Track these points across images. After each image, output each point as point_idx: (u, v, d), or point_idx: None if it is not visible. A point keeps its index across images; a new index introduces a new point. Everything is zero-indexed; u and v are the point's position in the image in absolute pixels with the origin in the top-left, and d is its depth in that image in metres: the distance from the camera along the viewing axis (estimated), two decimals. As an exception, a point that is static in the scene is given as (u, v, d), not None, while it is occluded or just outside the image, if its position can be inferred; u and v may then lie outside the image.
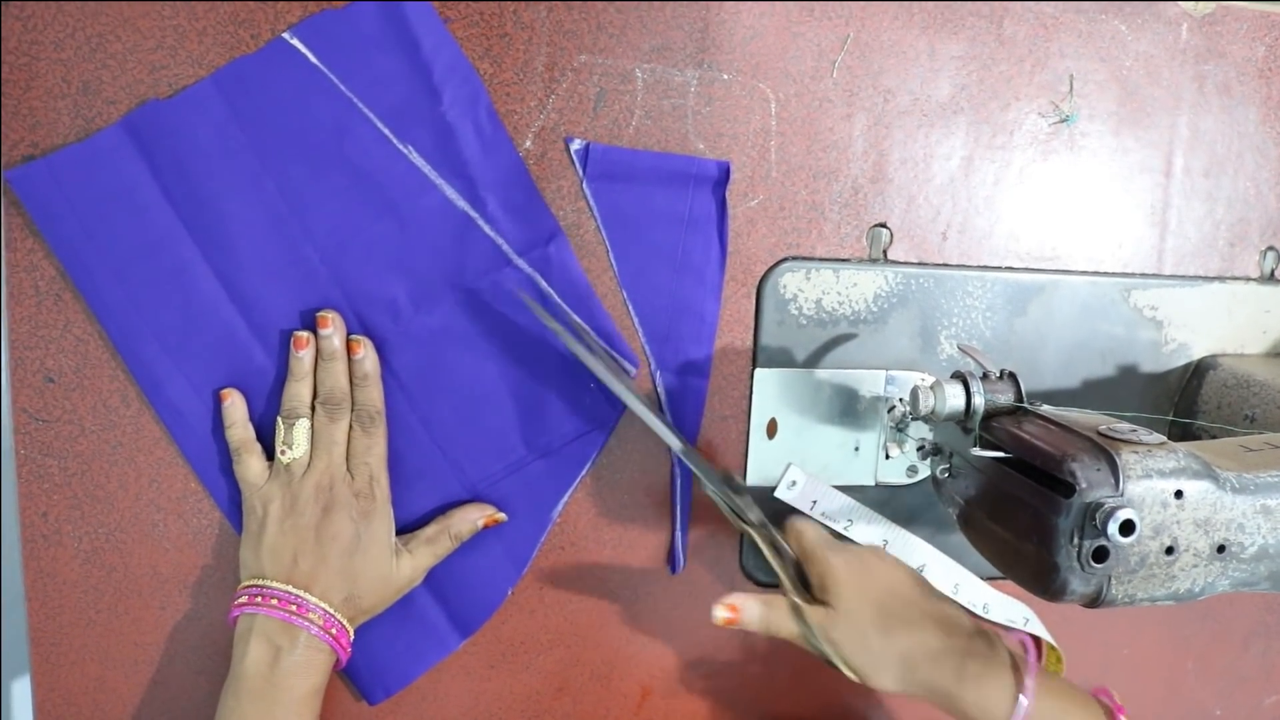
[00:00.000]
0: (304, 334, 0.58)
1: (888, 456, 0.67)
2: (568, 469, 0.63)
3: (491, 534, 0.63)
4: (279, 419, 0.58)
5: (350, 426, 0.59)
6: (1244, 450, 0.54)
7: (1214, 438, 0.66)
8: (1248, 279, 0.72)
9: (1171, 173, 0.70)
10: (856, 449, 0.67)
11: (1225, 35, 0.69)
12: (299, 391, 0.58)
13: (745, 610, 0.58)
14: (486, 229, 0.59)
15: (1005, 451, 0.53)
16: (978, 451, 0.54)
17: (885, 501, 0.68)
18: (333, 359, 0.58)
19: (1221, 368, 0.70)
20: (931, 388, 0.56)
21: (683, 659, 0.69)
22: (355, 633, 0.59)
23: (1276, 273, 0.73)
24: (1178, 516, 0.48)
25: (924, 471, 0.68)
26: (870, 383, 0.66)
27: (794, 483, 0.66)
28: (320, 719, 0.58)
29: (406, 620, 0.63)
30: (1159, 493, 0.48)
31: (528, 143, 0.60)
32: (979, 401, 0.55)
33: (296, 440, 0.58)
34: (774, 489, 0.66)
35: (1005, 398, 0.55)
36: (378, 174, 0.57)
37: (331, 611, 0.57)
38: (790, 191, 0.64)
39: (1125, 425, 0.51)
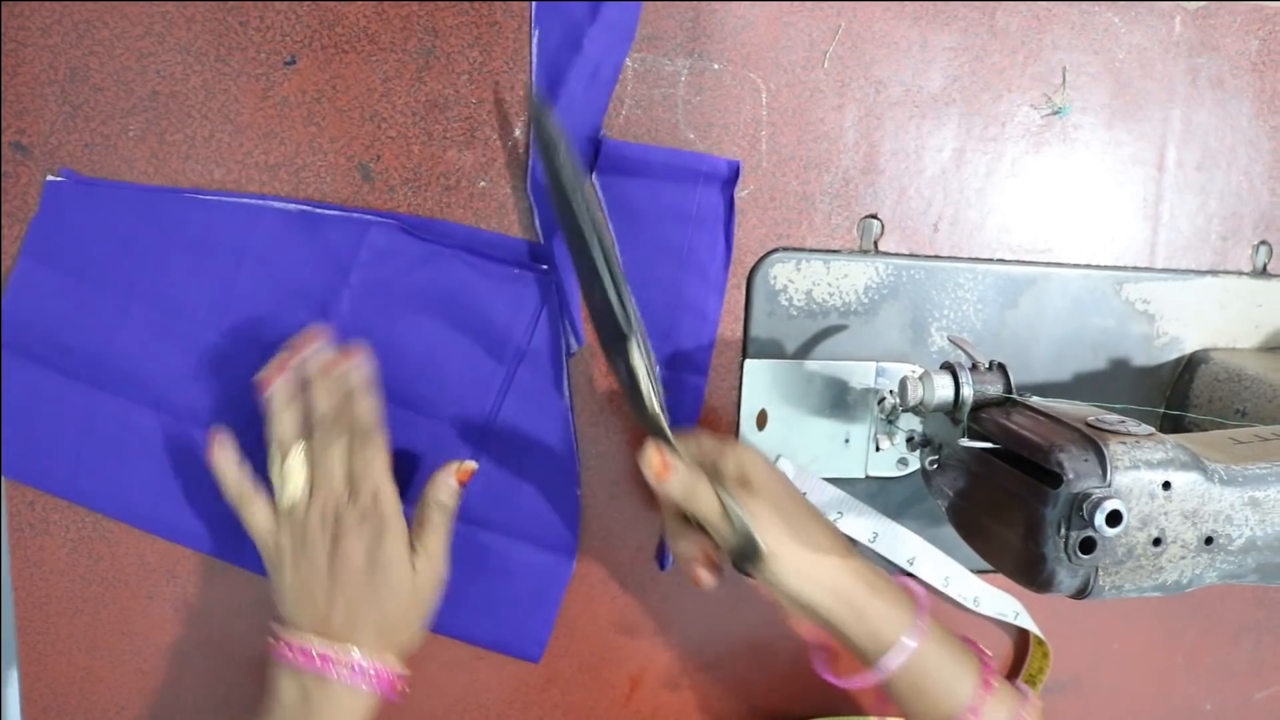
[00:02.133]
0: (261, 377, 0.56)
1: (878, 449, 0.67)
2: (549, 358, 0.62)
3: (525, 457, 0.62)
4: (271, 455, 0.56)
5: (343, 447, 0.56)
6: (1233, 442, 0.54)
7: (1206, 431, 0.66)
8: (1240, 273, 0.72)
9: (1164, 166, 0.70)
10: (847, 441, 0.67)
11: (1219, 28, 0.69)
12: (284, 423, 0.56)
13: (675, 473, 0.54)
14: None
15: (993, 442, 0.53)
16: (966, 442, 0.53)
17: (875, 494, 0.68)
18: (317, 381, 0.56)
19: (1213, 362, 0.70)
20: (920, 379, 0.56)
21: (671, 651, 0.69)
22: (480, 610, 0.60)
23: (1269, 267, 0.73)
24: (1165, 508, 0.48)
25: (914, 464, 0.68)
26: (860, 374, 0.66)
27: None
28: None
29: (512, 575, 0.63)
30: (1147, 484, 0.48)
31: (517, 131, 0.60)
32: (967, 393, 0.55)
33: (291, 475, 0.55)
34: (764, 481, 0.66)
35: (994, 389, 0.55)
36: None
37: (362, 660, 0.54)
38: (781, 182, 0.64)
39: (1114, 416, 0.51)
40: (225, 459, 0.56)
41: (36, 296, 0.57)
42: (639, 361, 0.53)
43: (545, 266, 0.61)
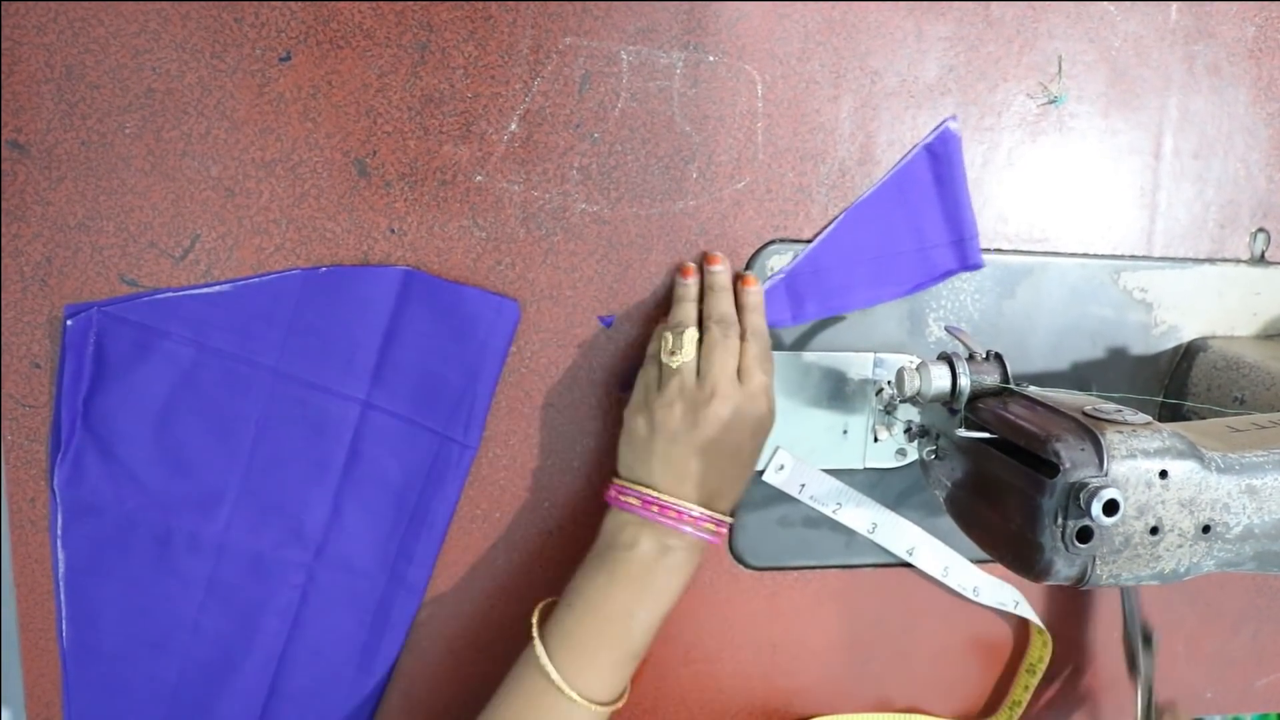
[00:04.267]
0: (689, 265, 0.63)
1: (876, 439, 0.67)
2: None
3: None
4: (665, 333, 0.60)
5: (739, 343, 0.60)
6: (1230, 430, 0.54)
7: (1203, 420, 0.66)
8: (1238, 261, 0.72)
9: (1161, 154, 0.70)
10: (845, 432, 0.67)
11: (1215, 15, 0.68)
12: (687, 311, 0.61)
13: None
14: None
15: (990, 432, 0.53)
16: (963, 433, 0.54)
17: (874, 485, 0.68)
18: (724, 290, 0.62)
19: (1211, 350, 0.70)
20: (917, 369, 0.56)
21: (671, 642, 0.69)
22: None
23: (1267, 254, 0.73)
24: (1162, 496, 0.48)
25: (913, 455, 0.68)
26: (858, 365, 0.66)
27: (782, 466, 0.66)
28: None
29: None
30: (1143, 473, 0.48)
31: (513, 125, 0.60)
32: (964, 383, 0.55)
33: (685, 346, 0.58)
34: (762, 472, 0.66)
35: (991, 379, 0.55)
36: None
37: (716, 516, 0.58)
38: (777, 174, 0.64)
39: (1111, 405, 0.51)
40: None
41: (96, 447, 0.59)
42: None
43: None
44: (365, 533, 0.62)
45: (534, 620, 0.59)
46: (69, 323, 0.57)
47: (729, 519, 0.59)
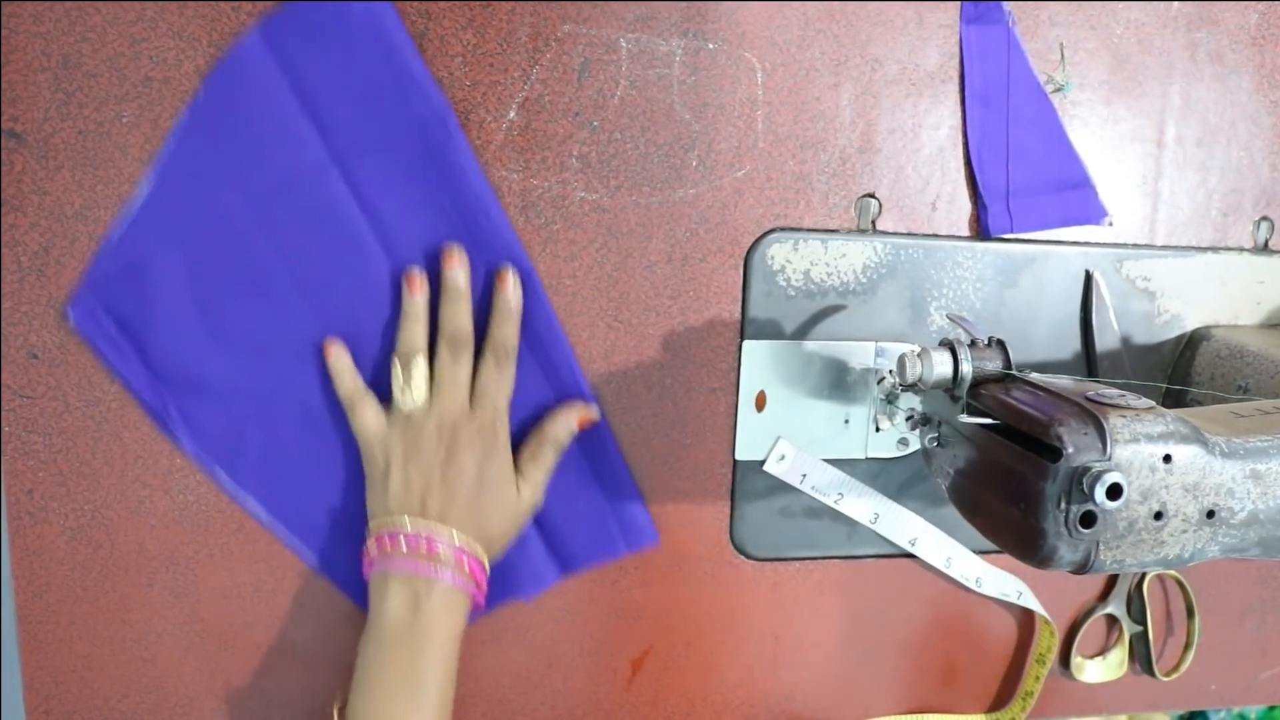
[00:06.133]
0: (416, 275, 0.58)
1: (878, 429, 0.67)
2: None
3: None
4: (395, 361, 0.58)
5: (479, 362, 0.59)
6: (1234, 416, 0.53)
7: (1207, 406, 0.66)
8: (1241, 249, 0.72)
9: (1164, 142, 0.69)
10: (846, 422, 0.67)
11: (1217, 3, 0.68)
12: (415, 332, 0.58)
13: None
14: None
15: (993, 418, 0.52)
16: (965, 418, 0.53)
17: (876, 475, 0.68)
18: (458, 299, 0.58)
19: (1215, 339, 0.70)
20: (919, 356, 0.55)
21: (672, 634, 0.69)
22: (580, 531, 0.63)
23: (1270, 243, 0.72)
24: (1166, 481, 0.48)
25: (915, 444, 0.68)
26: (860, 355, 0.66)
27: (783, 456, 0.66)
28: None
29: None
30: (1147, 457, 0.47)
31: (511, 113, 0.59)
32: (966, 369, 0.54)
33: (415, 381, 0.57)
34: (763, 463, 0.66)
35: (993, 365, 0.55)
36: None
37: (464, 545, 0.56)
38: (777, 162, 0.63)
39: (1114, 390, 0.51)
40: (341, 360, 0.59)
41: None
42: None
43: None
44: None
45: (334, 710, 0.58)
46: (72, 318, 0.57)
47: (478, 554, 0.57)
